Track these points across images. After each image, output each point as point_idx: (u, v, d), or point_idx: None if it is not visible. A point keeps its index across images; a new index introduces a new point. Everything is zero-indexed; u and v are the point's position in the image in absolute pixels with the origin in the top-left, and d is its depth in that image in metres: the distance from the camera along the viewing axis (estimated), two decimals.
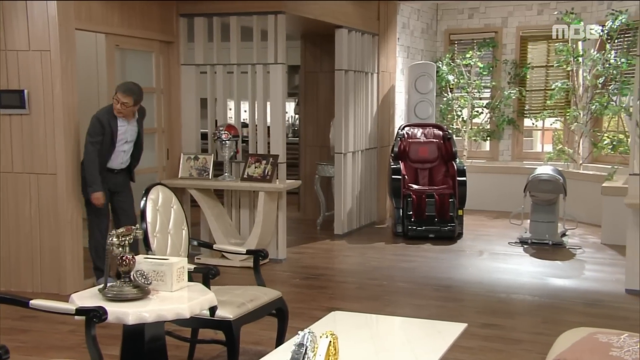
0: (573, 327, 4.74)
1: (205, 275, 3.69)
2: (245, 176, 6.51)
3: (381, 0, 8.72)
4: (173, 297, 3.28)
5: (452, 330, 3.47)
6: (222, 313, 3.59)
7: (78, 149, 5.69)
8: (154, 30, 6.63)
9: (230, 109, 7.21)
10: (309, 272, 6.37)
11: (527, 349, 4.41)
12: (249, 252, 4.21)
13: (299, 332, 3.05)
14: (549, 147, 10.48)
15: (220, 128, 6.60)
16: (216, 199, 6.81)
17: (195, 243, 4.20)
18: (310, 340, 2.99)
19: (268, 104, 6.82)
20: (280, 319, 4.04)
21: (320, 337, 2.99)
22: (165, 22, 6.80)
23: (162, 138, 6.85)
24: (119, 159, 5.63)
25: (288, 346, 3.19)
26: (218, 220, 6.62)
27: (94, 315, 2.94)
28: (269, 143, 6.80)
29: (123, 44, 6.28)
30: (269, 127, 6.84)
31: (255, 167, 6.49)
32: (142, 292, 3.20)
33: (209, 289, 3.52)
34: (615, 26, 8.70)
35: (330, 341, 2.99)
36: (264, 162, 6.49)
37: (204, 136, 7.28)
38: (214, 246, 4.33)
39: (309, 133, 9.18)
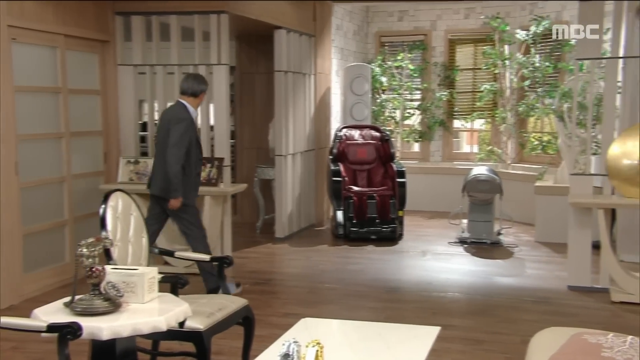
0: (529, 326, 4.87)
1: (173, 284, 3.54)
2: None
3: (316, 1, 8.69)
4: (145, 309, 3.12)
5: (428, 334, 3.46)
6: (192, 324, 3.44)
7: (16, 154, 5.39)
8: (89, 29, 6.35)
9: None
10: (257, 277, 6.25)
11: (489, 349, 4.46)
12: (213, 259, 4.07)
13: (284, 342, 2.98)
14: (474, 148, 10.75)
15: None
16: None
17: (156, 251, 4.04)
18: (296, 350, 2.92)
19: (211, 105, 6.65)
20: (247, 327, 3.93)
21: (307, 346, 2.92)
22: (101, 21, 6.53)
23: (98, 141, 6.58)
24: None
25: (270, 356, 3.10)
26: None
27: (68, 332, 2.75)
28: (212, 146, 6.64)
29: (55, 42, 5.97)
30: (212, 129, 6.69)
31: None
32: (114, 305, 3.02)
33: None
34: (538, 31, 9.01)
35: (317, 350, 2.93)
36: (208, 165, 6.31)
37: (142, 139, 7.04)
38: (176, 254, 4.16)
39: (245, 135, 9.04)
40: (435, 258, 7.08)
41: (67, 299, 3.06)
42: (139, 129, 6.93)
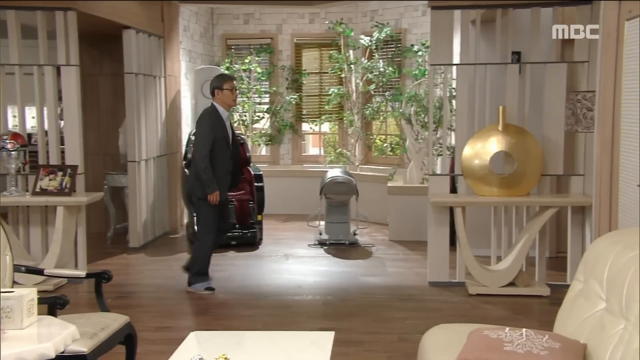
0: (402, 323, 5.02)
1: (51, 305, 3.22)
2: (37, 190, 5.82)
3: (163, 0, 8.38)
4: (25, 335, 2.82)
5: (324, 340, 3.43)
6: (75, 347, 3.15)
7: None
8: None
9: (15, 116, 6.42)
10: (118, 291, 5.86)
11: (371, 350, 4.50)
12: (89, 275, 3.76)
13: (190, 359, 2.84)
14: (321, 151, 10.92)
15: (5, 137, 5.82)
16: None
17: (22, 269, 3.67)
18: None
19: (59, 109, 6.18)
20: (129, 346, 3.67)
21: None
22: None
23: None
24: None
25: None
26: None
27: None
28: (62, 152, 6.17)
29: None
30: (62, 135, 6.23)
31: (50, 180, 5.84)
32: None
33: None
34: (381, 37, 9.37)
35: None
36: (59, 173, 5.87)
37: None
38: (45, 271, 3.79)
39: (90, 141, 8.47)
40: (298, 261, 7.07)
41: None
42: None
